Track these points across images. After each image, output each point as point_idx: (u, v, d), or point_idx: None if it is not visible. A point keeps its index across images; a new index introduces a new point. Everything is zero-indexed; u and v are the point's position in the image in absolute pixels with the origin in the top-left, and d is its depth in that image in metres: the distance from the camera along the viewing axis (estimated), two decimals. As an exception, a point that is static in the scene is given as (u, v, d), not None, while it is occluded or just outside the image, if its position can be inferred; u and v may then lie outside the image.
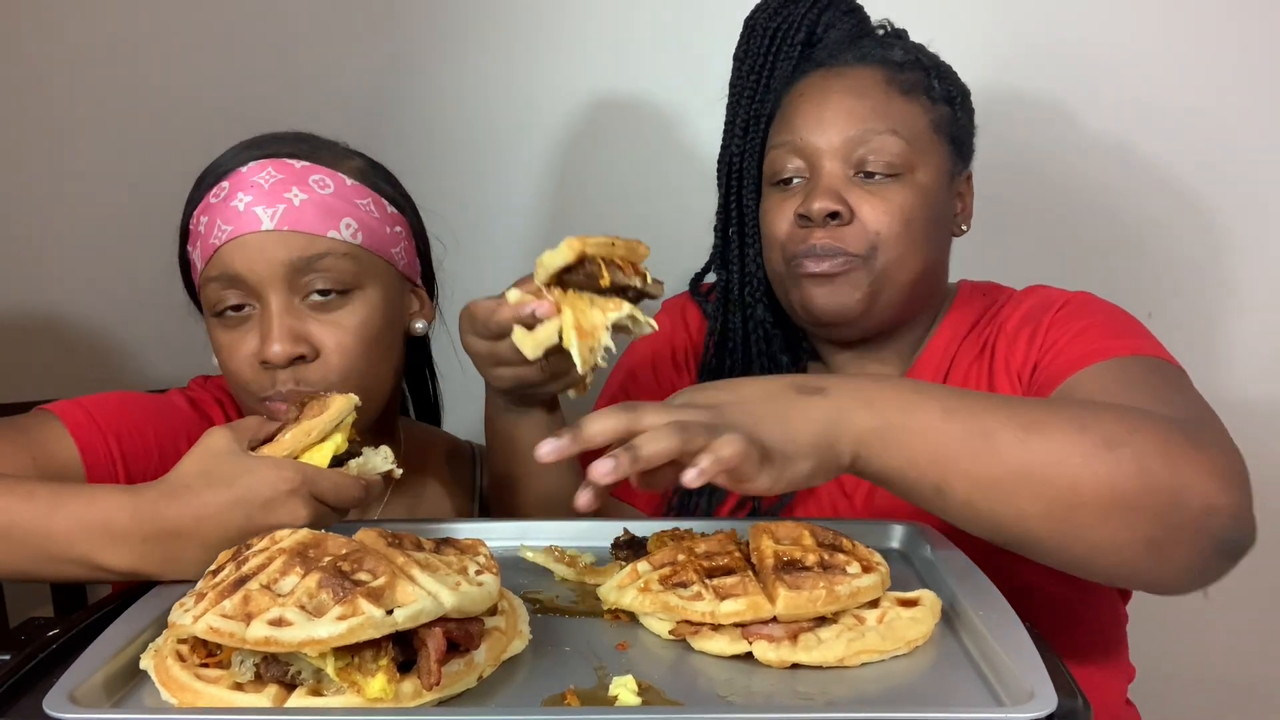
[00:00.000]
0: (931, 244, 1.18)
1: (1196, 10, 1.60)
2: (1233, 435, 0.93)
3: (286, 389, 1.06)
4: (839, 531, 0.88)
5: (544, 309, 0.94)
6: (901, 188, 1.15)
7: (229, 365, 1.10)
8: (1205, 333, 1.66)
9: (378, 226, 1.12)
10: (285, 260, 1.06)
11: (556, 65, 1.69)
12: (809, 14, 1.24)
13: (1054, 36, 1.63)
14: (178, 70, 1.68)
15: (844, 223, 1.14)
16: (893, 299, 1.17)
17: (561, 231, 1.00)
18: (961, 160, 1.23)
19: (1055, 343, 1.10)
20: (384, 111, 1.70)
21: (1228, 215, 1.64)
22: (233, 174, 1.09)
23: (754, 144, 1.26)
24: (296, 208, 1.06)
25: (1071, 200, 1.66)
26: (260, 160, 1.09)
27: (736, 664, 0.77)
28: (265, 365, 1.07)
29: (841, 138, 1.15)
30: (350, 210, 1.09)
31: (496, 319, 0.98)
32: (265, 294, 1.06)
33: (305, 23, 1.69)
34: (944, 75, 1.22)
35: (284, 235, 1.06)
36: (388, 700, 0.67)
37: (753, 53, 1.26)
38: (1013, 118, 1.62)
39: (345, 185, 1.10)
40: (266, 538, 0.76)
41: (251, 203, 1.06)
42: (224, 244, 1.06)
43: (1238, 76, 1.60)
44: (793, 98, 1.21)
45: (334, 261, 1.07)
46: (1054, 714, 0.64)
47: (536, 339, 0.95)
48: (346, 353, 1.08)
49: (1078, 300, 1.17)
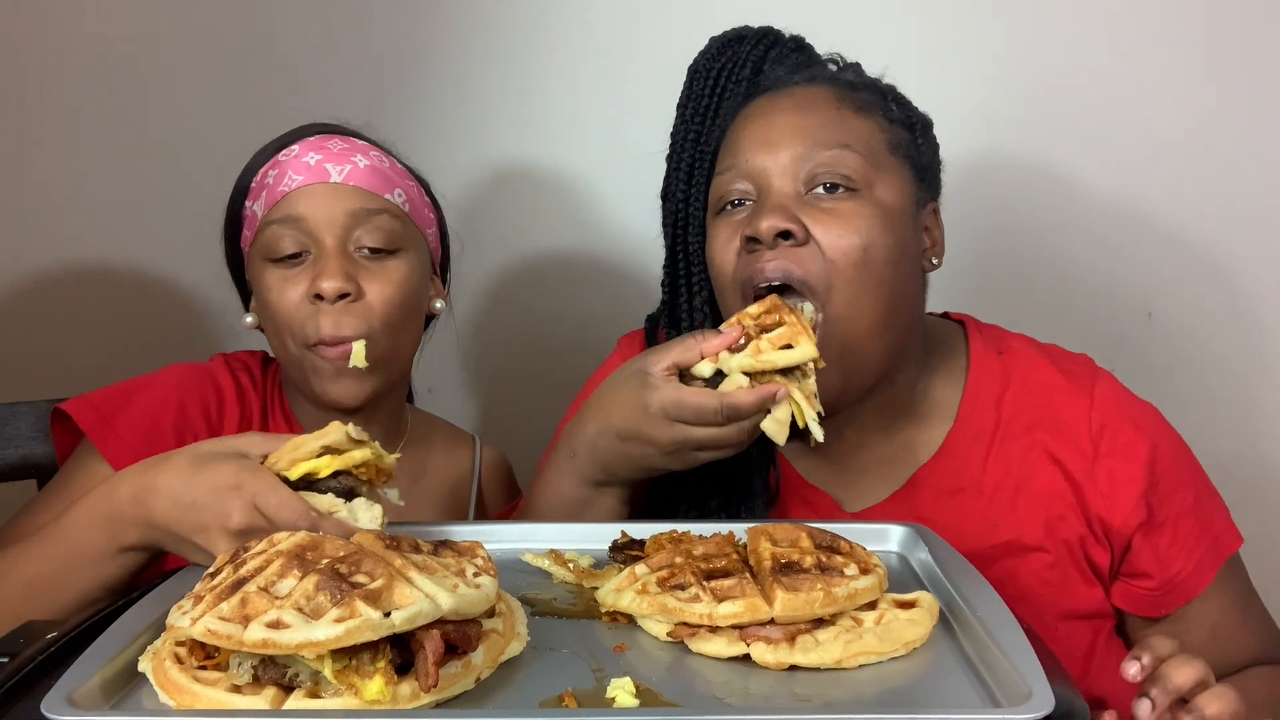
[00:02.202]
0: (899, 277, 1.07)
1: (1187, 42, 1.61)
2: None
3: (329, 333, 1.14)
4: (837, 534, 0.88)
5: (783, 393, 0.97)
6: (859, 205, 1.05)
7: (279, 306, 1.17)
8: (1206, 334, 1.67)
9: (419, 205, 1.25)
10: (348, 209, 1.17)
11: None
12: (753, 52, 1.19)
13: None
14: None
15: (798, 243, 1.04)
16: (863, 349, 1.06)
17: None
18: (928, 190, 1.13)
19: (1168, 540, 1.09)
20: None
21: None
22: (301, 140, 1.21)
23: (699, 185, 1.18)
24: (361, 169, 1.19)
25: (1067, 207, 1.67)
26: (325, 134, 1.23)
27: (734, 666, 0.77)
28: (315, 299, 1.15)
29: (790, 155, 1.06)
30: (401, 183, 1.23)
31: (733, 407, 0.97)
32: (323, 237, 1.16)
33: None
34: (902, 102, 1.14)
35: (349, 189, 1.18)
36: (385, 702, 0.67)
37: (696, 95, 1.20)
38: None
39: (398, 167, 1.25)
40: (265, 540, 0.76)
41: (322, 160, 1.19)
42: (294, 189, 1.17)
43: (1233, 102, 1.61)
44: (738, 123, 1.13)
45: (387, 221, 1.18)
46: (1051, 715, 0.64)
47: (785, 424, 0.98)
48: (388, 302, 1.17)
49: (1164, 459, 1.11)
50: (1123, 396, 1.14)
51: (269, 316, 1.19)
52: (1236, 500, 1.15)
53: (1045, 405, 1.13)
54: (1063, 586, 1.09)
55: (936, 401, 1.16)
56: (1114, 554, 1.10)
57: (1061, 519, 1.09)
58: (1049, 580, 1.09)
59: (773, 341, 0.99)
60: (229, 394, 1.23)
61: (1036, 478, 1.11)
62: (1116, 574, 1.11)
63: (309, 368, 1.17)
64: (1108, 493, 1.09)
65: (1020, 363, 1.16)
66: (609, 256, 1.75)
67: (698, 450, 1.01)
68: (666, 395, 0.99)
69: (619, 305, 1.66)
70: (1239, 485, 1.22)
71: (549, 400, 1.42)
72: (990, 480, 1.12)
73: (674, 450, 1.02)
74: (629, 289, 1.68)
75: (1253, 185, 1.62)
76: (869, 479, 1.15)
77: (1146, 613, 1.11)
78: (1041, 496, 1.10)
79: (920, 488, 1.13)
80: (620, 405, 1.03)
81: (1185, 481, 1.12)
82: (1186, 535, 1.10)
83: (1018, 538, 1.09)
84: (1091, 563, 1.10)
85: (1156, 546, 1.09)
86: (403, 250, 1.20)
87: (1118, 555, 1.10)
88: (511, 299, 1.80)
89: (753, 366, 0.99)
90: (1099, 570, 1.10)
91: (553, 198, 1.75)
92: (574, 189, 1.75)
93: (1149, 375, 1.23)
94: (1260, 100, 1.61)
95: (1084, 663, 1.09)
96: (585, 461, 1.07)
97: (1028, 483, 1.11)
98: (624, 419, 1.02)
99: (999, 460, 1.12)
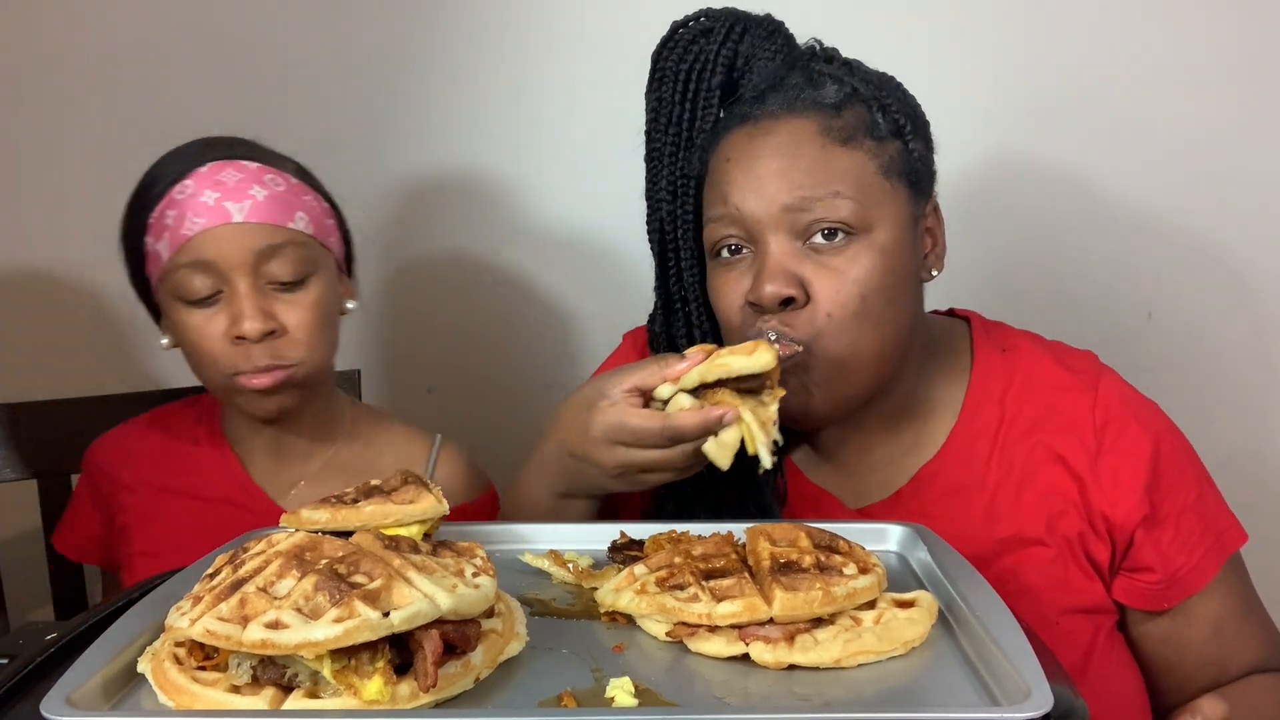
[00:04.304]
0: (897, 310, 1.07)
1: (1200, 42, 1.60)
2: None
3: (264, 363, 1.19)
4: (836, 533, 0.88)
5: (732, 415, 0.95)
6: (859, 251, 1.03)
7: (201, 346, 1.21)
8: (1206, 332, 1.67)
9: (320, 219, 1.26)
10: (254, 248, 1.18)
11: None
12: (724, 49, 1.11)
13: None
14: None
15: (799, 306, 1.03)
16: (856, 380, 1.06)
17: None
18: (922, 195, 1.10)
19: (1170, 534, 1.09)
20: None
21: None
22: (193, 173, 1.20)
23: (685, 210, 1.14)
24: (261, 202, 1.19)
25: (1071, 198, 1.67)
26: (217, 161, 1.21)
27: (733, 665, 0.77)
28: (238, 341, 1.18)
29: (779, 206, 1.03)
30: (301, 205, 1.23)
31: (675, 429, 0.96)
32: (234, 278, 1.18)
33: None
34: (886, 103, 1.07)
35: (252, 227, 1.19)
36: (384, 702, 0.67)
37: (666, 101, 1.14)
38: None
39: (292, 183, 1.24)
40: (263, 540, 0.76)
41: (221, 198, 1.18)
42: (198, 234, 1.18)
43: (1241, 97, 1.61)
44: (719, 162, 1.08)
45: (293, 250, 1.21)
46: (1050, 713, 0.64)
47: (730, 449, 0.95)
48: (309, 329, 1.21)
49: (1167, 455, 1.10)
50: (1127, 393, 1.14)
51: (189, 351, 1.23)
52: (1235, 500, 1.15)
53: (1049, 402, 1.13)
54: (1064, 581, 1.09)
55: (940, 399, 1.15)
56: (1116, 549, 1.10)
57: (1063, 514, 1.09)
58: (1051, 575, 1.09)
59: (734, 351, 0.97)
60: (145, 449, 1.33)
61: (1040, 474, 1.11)
62: (1118, 569, 1.11)
63: (234, 391, 1.22)
64: (1111, 488, 1.09)
65: (1024, 360, 1.16)
66: (609, 256, 1.75)
67: (642, 473, 1.01)
68: (609, 418, 1.00)
69: (619, 304, 1.65)
70: (1239, 485, 1.22)
71: (549, 400, 1.42)
72: (994, 477, 1.12)
73: (619, 473, 1.02)
74: (629, 288, 1.68)
75: (1253, 185, 1.62)
76: (874, 477, 1.16)
77: (1148, 607, 1.11)
78: (1044, 492, 1.10)
79: (924, 485, 1.13)
80: (570, 425, 1.04)
81: (1188, 477, 1.12)
82: (1190, 530, 1.10)
83: (1019, 532, 1.09)
84: (1091, 559, 1.10)
85: (1159, 541, 1.09)
86: (312, 274, 1.22)
87: (1120, 550, 1.10)
88: (511, 299, 1.81)
89: (705, 375, 0.96)
90: (1099, 566, 1.10)
91: (552, 197, 1.76)
92: (574, 189, 1.75)
93: (1149, 375, 1.22)
94: (1260, 100, 1.61)
95: (1085, 658, 1.09)
96: (550, 473, 1.09)
97: (1031, 479, 1.11)
98: (573, 440, 1.04)
99: (1002, 456, 1.12)
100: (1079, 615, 1.10)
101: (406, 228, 1.81)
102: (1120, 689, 1.12)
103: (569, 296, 1.80)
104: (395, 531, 0.86)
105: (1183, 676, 1.13)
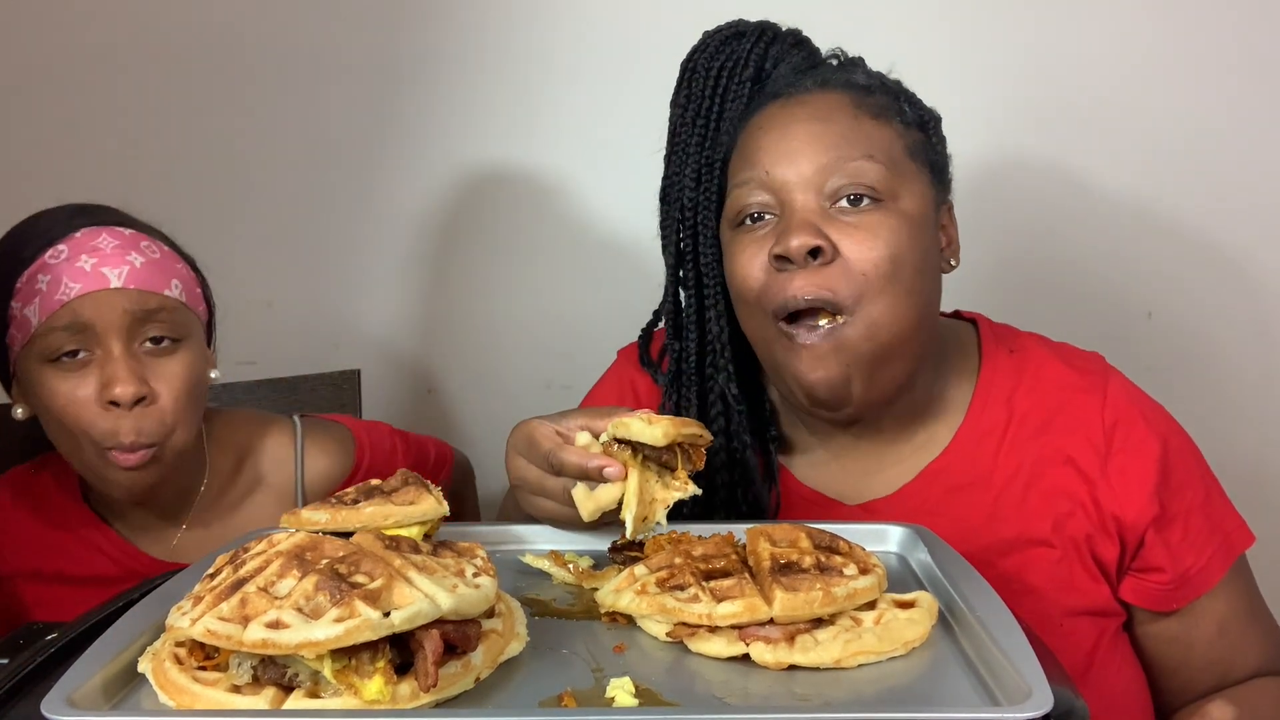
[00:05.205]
0: (925, 284, 1.07)
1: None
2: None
3: (129, 440, 1.16)
4: (836, 534, 0.88)
5: (615, 472, 0.92)
6: (885, 216, 1.03)
7: (70, 412, 1.17)
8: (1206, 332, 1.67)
9: (191, 286, 1.27)
10: (131, 311, 1.18)
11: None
12: (754, 49, 1.14)
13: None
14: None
15: (826, 261, 1.02)
16: (894, 359, 1.06)
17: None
18: (942, 189, 1.12)
19: (1179, 534, 1.09)
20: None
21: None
22: (67, 239, 1.19)
23: (709, 192, 1.14)
24: (138, 268, 1.19)
25: (1069, 201, 1.67)
26: (92, 228, 1.20)
27: (733, 665, 0.77)
28: (110, 406, 1.16)
29: (812, 167, 1.04)
30: (175, 272, 1.24)
31: (559, 459, 0.94)
32: (109, 342, 1.17)
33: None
34: (912, 100, 1.12)
35: (130, 292, 1.18)
36: (385, 702, 0.67)
37: (696, 95, 1.15)
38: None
39: (165, 251, 1.25)
40: (264, 540, 0.76)
41: (97, 264, 1.18)
42: (74, 298, 1.16)
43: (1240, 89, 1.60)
44: (751, 131, 1.10)
45: (169, 315, 1.21)
46: (1050, 713, 0.64)
47: (598, 502, 0.92)
48: (179, 397, 1.20)
49: (1175, 456, 1.11)
50: (1134, 394, 1.15)
51: (54, 419, 1.19)
52: (1237, 500, 1.15)
53: (1058, 403, 1.13)
54: (1069, 583, 1.09)
55: (948, 400, 1.16)
56: (1125, 550, 1.10)
57: (1070, 516, 1.09)
58: (1056, 576, 1.09)
59: (638, 415, 0.94)
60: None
61: (1048, 474, 1.11)
62: (1126, 570, 1.11)
63: (103, 465, 1.19)
64: (1120, 489, 1.09)
65: (1032, 361, 1.16)
66: (609, 256, 1.76)
67: (532, 495, 1.00)
68: (523, 428, 1.00)
69: (620, 305, 1.65)
70: (1239, 486, 1.22)
71: (549, 401, 1.42)
72: (1000, 476, 1.12)
73: (516, 485, 1.01)
74: (630, 289, 1.68)
75: (1253, 184, 1.63)
76: (880, 475, 1.16)
77: (1158, 607, 1.11)
78: (1051, 493, 1.10)
79: (928, 481, 1.13)
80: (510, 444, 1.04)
81: (1196, 478, 1.13)
82: (1198, 531, 1.10)
83: (1024, 532, 1.10)
84: (1098, 560, 1.10)
85: (1169, 541, 1.09)
86: (185, 339, 1.22)
87: (1130, 551, 1.10)
88: (511, 299, 1.81)
89: (613, 432, 0.94)
90: (1105, 568, 1.10)
91: (552, 198, 1.76)
92: (573, 189, 1.75)
93: (1149, 375, 1.22)
94: (1261, 99, 1.61)
95: (1088, 659, 1.09)
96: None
97: (1038, 479, 1.11)
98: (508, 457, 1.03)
99: (1010, 457, 1.12)
100: (1083, 617, 1.10)
101: (407, 227, 1.81)
102: (1123, 690, 1.11)
103: (569, 297, 1.80)
104: (395, 532, 0.86)
105: (1187, 677, 1.13)
